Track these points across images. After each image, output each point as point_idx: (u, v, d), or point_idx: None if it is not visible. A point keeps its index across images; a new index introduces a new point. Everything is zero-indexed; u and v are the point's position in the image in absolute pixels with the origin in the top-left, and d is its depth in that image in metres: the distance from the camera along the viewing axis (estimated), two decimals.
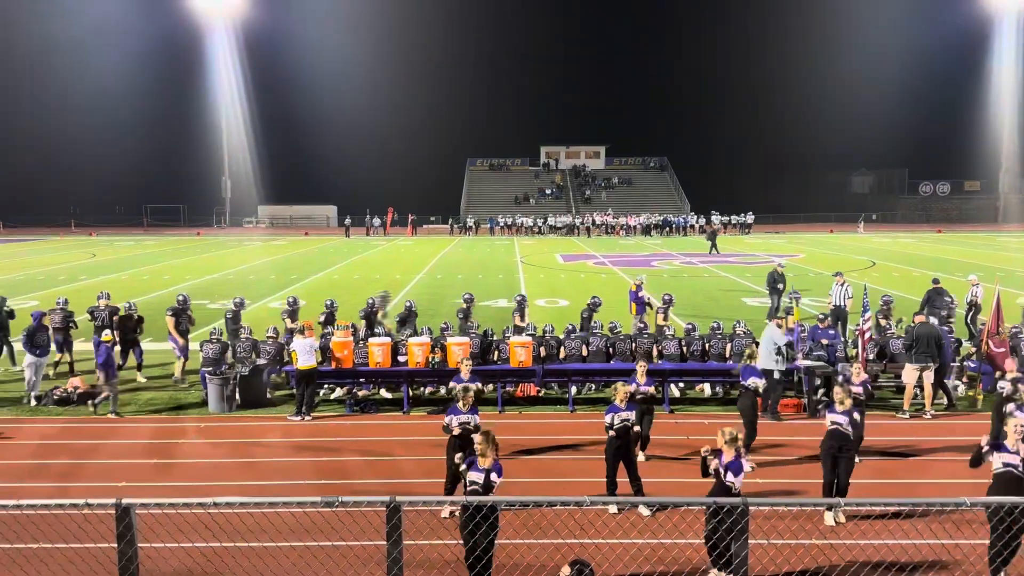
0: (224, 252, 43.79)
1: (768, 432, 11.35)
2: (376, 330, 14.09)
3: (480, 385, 10.81)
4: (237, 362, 13.31)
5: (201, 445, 11.27)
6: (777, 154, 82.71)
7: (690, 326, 14.00)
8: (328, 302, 15.66)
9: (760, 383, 10.46)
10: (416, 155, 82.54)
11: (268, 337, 13.68)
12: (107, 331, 13.13)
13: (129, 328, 14.58)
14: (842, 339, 13.80)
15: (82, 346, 16.40)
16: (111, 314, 15.29)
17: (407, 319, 14.99)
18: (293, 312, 15.45)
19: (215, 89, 70.67)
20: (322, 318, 15.25)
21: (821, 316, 14.05)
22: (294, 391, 12.75)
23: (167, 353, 16.29)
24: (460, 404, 8.64)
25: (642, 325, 13.57)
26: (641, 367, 10.32)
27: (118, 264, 35.94)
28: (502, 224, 60.26)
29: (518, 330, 14.22)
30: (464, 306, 15.41)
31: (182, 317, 14.79)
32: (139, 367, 14.73)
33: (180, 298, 15.30)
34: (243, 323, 14.80)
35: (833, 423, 8.46)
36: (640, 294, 16.92)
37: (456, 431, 8.53)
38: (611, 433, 8.73)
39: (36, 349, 13.24)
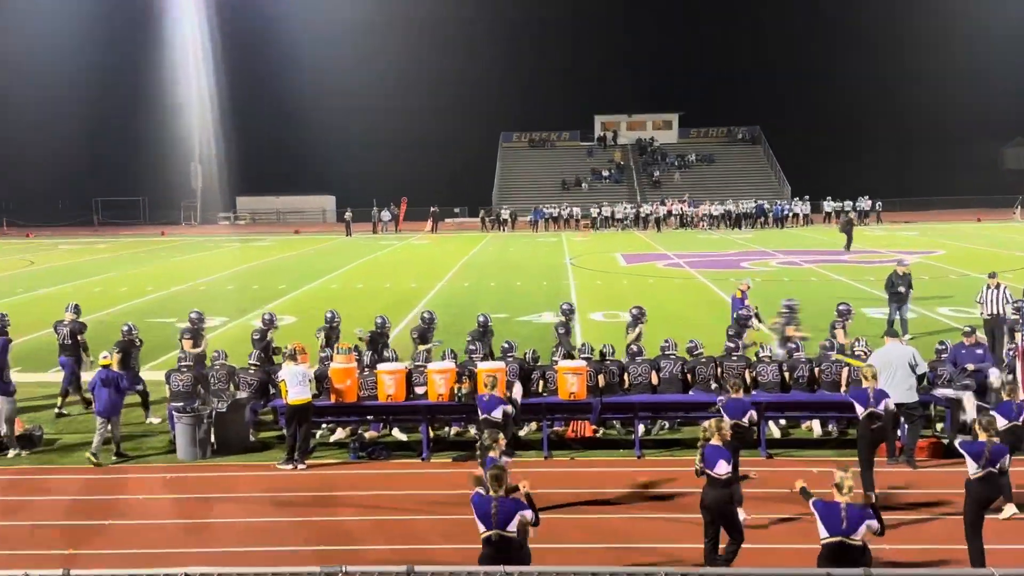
0: (194, 256, 44.46)
1: (898, 481, 11.15)
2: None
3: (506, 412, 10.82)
4: (212, 396, 13.50)
5: (168, 502, 11.45)
6: (906, 121, 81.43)
7: (793, 345, 13.83)
8: (328, 314, 15.81)
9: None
10: (435, 130, 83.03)
11: (250, 364, 13.85)
12: (106, 353, 13.46)
13: (130, 355, 14.77)
14: (992, 359, 13.50)
15: (30, 377, 16.77)
16: (73, 333, 15.62)
17: (377, 339, 15.11)
18: (332, 330, 15.61)
19: (181, 56, 71.96)
20: (319, 335, 15.37)
21: (967, 329, 13.77)
22: (283, 432, 12.89)
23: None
24: (494, 453, 8.76)
25: (732, 345, 13.48)
26: (734, 384, 10.37)
27: (62, 273, 36.78)
28: (548, 216, 60.37)
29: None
30: (563, 319, 15.44)
31: (200, 339, 15.16)
32: (145, 404, 14.85)
33: (194, 315, 15.59)
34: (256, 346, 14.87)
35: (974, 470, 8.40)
36: (747, 303, 16.87)
37: None
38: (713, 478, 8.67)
39: (7, 385, 13.54)
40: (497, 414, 11.28)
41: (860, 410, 10.60)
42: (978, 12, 74.83)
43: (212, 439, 13.09)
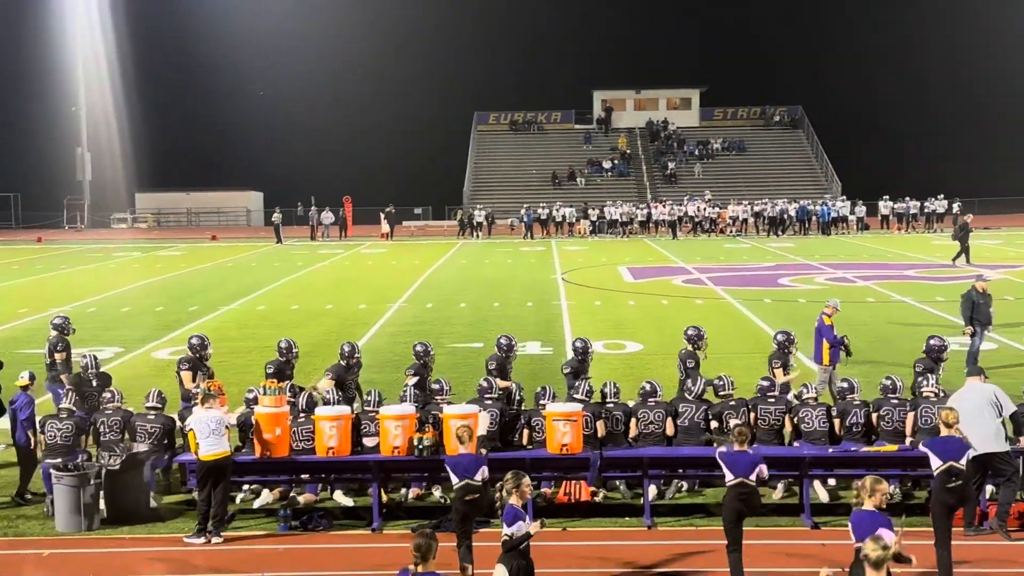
0: (81, 269, 44.12)
1: (983, 556, 11.12)
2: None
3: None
4: (102, 449, 13.34)
5: None
6: (988, 101, 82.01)
7: (845, 384, 13.87)
8: (347, 347, 15.81)
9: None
10: (390, 110, 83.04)
11: (150, 408, 13.75)
12: (24, 374, 13.70)
13: (87, 395, 14.74)
14: None
15: None
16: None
17: (282, 370, 15.18)
18: (350, 368, 15.47)
19: (67, 17, 71.30)
20: (270, 369, 15.30)
21: None
22: (193, 495, 12.77)
23: None
24: (514, 500, 8.87)
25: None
26: (740, 434, 10.61)
27: None
28: (533, 218, 60.24)
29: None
30: (690, 348, 15.43)
31: (202, 369, 15.14)
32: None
33: (195, 340, 15.56)
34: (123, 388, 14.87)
35: None
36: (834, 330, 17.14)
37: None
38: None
39: None
40: (479, 477, 11.21)
41: (936, 463, 10.55)
42: None
43: (101, 505, 12.90)
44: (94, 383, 15.04)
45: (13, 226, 72.97)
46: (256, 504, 13.58)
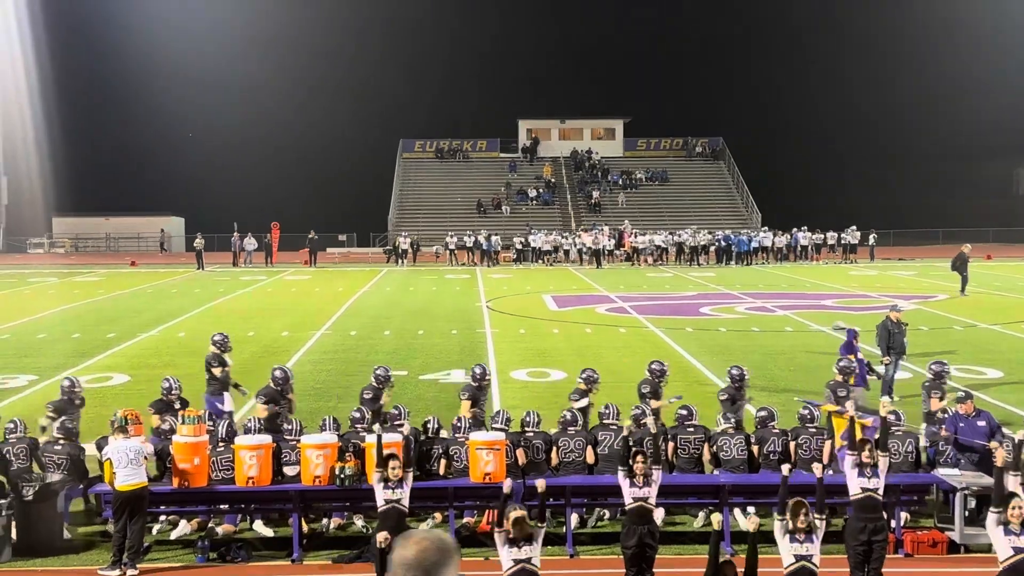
0: None
1: None
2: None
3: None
4: (14, 479, 13.12)
5: None
6: (901, 137, 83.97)
7: (764, 412, 14.06)
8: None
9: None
10: (315, 136, 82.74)
11: (59, 438, 13.57)
12: None
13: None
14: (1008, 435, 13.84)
15: None
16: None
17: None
18: (379, 393, 15.03)
19: None
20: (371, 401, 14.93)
21: (961, 395, 14.16)
22: (108, 527, 12.54)
23: None
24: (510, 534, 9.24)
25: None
26: (639, 465, 10.84)
27: None
28: (457, 245, 60.38)
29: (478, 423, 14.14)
30: (734, 386, 15.17)
31: (280, 403, 15.05)
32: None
33: (278, 373, 15.50)
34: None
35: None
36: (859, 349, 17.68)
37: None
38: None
39: None
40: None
41: (855, 488, 10.66)
42: (994, 9, 77.55)
43: (13, 536, 12.69)
44: (77, 402, 15.03)
45: None
46: (173, 535, 13.43)
